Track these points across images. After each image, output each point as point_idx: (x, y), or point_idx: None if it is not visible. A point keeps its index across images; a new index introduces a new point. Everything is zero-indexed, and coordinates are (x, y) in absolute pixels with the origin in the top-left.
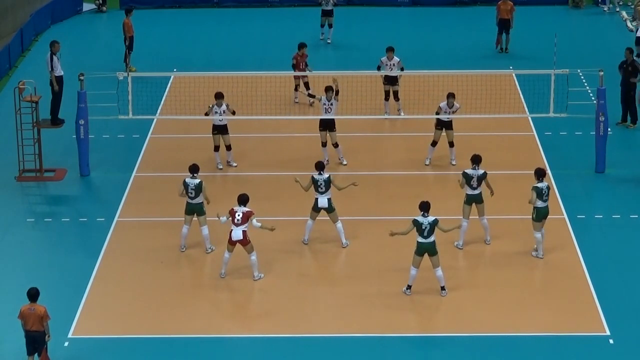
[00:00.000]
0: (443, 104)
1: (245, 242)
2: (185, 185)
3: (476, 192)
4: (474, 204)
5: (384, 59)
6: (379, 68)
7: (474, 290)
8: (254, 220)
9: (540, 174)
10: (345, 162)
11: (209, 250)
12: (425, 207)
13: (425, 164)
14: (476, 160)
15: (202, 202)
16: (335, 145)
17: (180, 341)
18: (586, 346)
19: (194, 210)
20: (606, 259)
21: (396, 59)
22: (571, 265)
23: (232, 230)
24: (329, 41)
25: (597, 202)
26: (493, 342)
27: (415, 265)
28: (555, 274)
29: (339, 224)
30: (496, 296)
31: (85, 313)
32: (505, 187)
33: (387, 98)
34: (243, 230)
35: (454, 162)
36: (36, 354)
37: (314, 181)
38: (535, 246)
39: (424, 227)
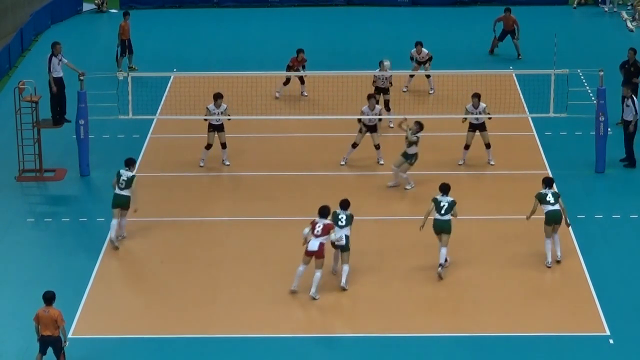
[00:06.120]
0: (469, 105)
1: (320, 254)
2: (118, 175)
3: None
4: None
5: (413, 51)
6: (411, 58)
7: (474, 290)
8: (332, 233)
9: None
10: (382, 162)
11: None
12: (445, 189)
13: (459, 164)
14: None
15: (130, 197)
16: (377, 147)
17: (180, 341)
18: (586, 346)
19: (120, 204)
20: (606, 259)
21: (425, 51)
22: (571, 265)
23: (309, 241)
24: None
25: (597, 202)
26: (493, 342)
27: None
28: (555, 274)
29: (347, 267)
30: (496, 296)
31: (85, 313)
32: (505, 187)
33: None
34: (321, 242)
35: (492, 162)
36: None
37: (335, 215)
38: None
39: (442, 205)
